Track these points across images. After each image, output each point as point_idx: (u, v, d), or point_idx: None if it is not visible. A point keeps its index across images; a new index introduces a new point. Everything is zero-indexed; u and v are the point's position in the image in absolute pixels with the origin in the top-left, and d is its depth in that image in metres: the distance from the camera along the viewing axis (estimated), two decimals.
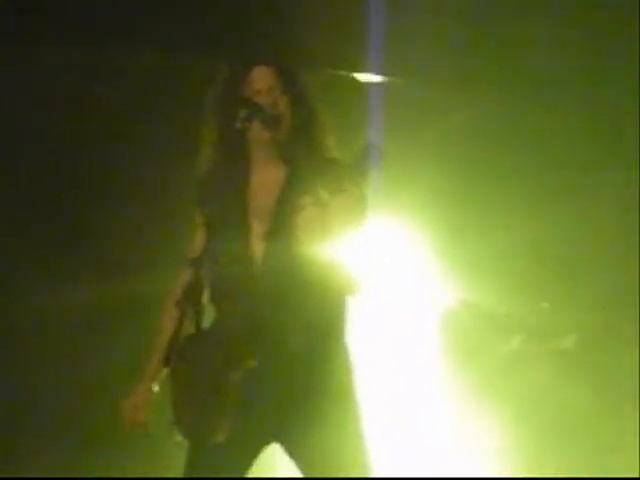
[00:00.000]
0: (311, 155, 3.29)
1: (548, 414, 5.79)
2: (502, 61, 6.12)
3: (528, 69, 6.15)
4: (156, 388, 3.30)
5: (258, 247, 3.20)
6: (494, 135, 6.14)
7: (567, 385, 5.79)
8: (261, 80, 3.25)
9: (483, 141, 6.11)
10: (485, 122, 5.99)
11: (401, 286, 5.75)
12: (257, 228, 3.23)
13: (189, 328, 3.10)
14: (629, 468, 5.39)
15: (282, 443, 3.24)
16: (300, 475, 3.29)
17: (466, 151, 5.98)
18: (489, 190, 6.04)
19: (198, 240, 3.27)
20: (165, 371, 3.22)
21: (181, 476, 3.32)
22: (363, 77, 6.07)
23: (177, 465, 3.30)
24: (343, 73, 5.83)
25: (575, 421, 5.70)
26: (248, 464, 3.29)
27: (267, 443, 3.26)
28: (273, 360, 3.11)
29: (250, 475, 3.35)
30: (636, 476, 4.96)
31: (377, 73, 6.12)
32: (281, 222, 3.21)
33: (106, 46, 5.76)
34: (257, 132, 3.18)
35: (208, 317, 3.22)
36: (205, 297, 3.20)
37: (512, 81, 6.16)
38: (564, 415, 5.75)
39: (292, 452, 3.23)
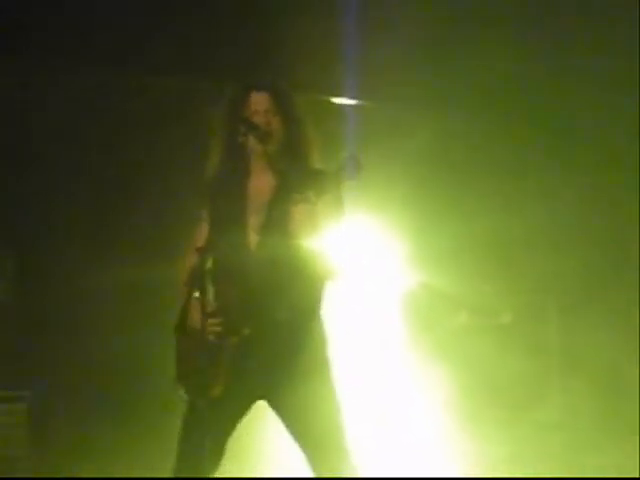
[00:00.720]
0: (298, 165, 3.41)
1: (486, 375, 6.12)
2: (463, 84, 6.36)
3: (486, 90, 6.39)
4: None
5: (253, 239, 3.29)
6: (452, 147, 6.51)
7: (502, 353, 6.21)
8: (258, 103, 3.36)
9: (443, 153, 6.44)
10: (445, 138, 6.33)
11: (371, 271, 5.98)
12: (252, 223, 3.31)
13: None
14: (549, 419, 5.84)
15: (268, 400, 3.32)
16: (282, 425, 3.35)
17: (428, 161, 6.33)
18: (445, 194, 6.45)
19: (202, 232, 3.29)
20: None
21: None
22: (340, 100, 6.39)
23: (177, 421, 3.36)
24: (323, 97, 6.11)
25: (508, 381, 6.07)
26: (239, 417, 3.38)
27: (256, 399, 3.34)
28: (263, 331, 3.19)
29: (238, 427, 3.38)
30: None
31: (352, 97, 6.42)
32: (273, 218, 3.29)
33: (121, 68, 6.08)
34: (253, 145, 3.30)
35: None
36: (208, 279, 3.21)
37: (470, 100, 6.42)
38: (499, 376, 6.09)
39: (277, 408, 3.33)
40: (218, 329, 3.20)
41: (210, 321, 3.15)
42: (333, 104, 6.30)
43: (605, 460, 5.64)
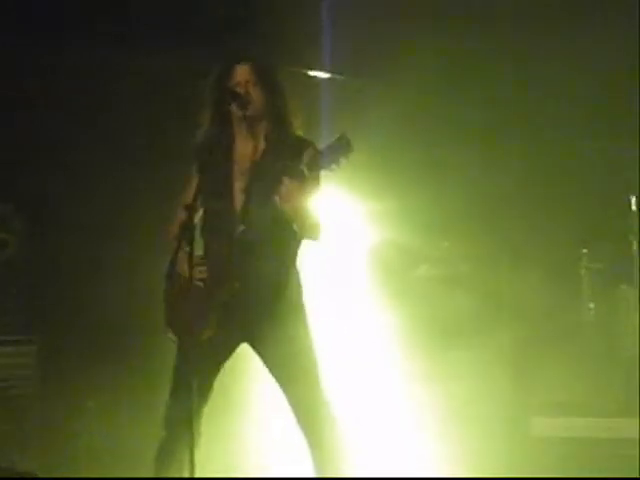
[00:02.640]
0: (280, 130, 3.47)
1: (443, 318, 6.23)
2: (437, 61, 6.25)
3: (463, 70, 6.40)
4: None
5: (238, 198, 3.40)
6: (419, 125, 6.47)
7: (458, 298, 6.36)
8: (240, 74, 3.44)
9: (411, 128, 6.40)
10: (408, 114, 6.24)
11: (347, 230, 6.05)
12: (238, 185, 3.42)
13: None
14: (499, 357, 5.82)
15: (252, 342, 3.46)
16: (263, 366, 3.46)
17: (397, 136, 6.26)
18: (413, 165, 6.45)
19: (191, 190, 3.30)
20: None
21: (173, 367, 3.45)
22: (317, 74, 6.34)
23: (170, 360, 3.45)
24: (303, 70, 6.09)
25: (462, 324, 6.19)
26: (225, 358, 3.50)
27: (240, 342, 3.48)
28: (248, 281, 3.29)
29: (224, 366, 3.48)
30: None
31: (328, 71, 6.36)
32: (258, 181, 3.36)
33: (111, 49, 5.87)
34: (237, 113, 3.41)
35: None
36: (196, 233, 3.27)
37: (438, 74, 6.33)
38: (454, 320, 6.23)
39: (259, 348, 3.46)
40: (204, 276, 3.31)
41: (197, 269, 3.20)
42: (312, 77, 6.26)
43: (552, 396, 5.81)
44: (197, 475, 2.95)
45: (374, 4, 6.34)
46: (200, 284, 3.30)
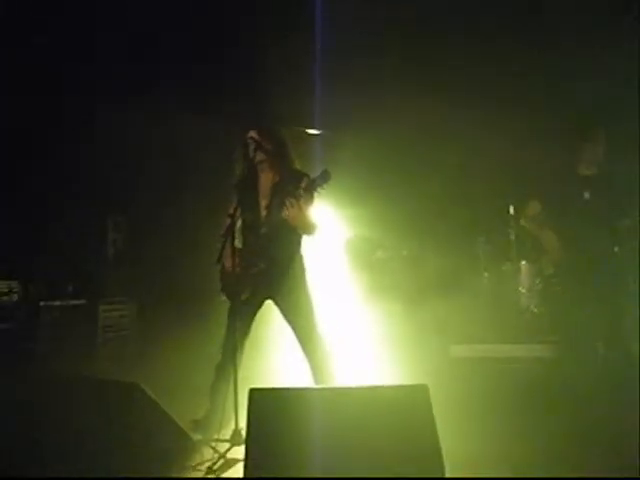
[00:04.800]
0: (286, 167, 3.47)
1: (392, 285, 6.28)
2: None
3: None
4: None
5: (262, 213, 3.42)
6: (377, 164, 6.37)
7: (401, 272, 6.45)
8: (255, 134, 3.39)
9: (372, 165, 6.28)
10: (370, 157, 6.13)
11: (331, 229, 6.04)
12: (262, 204, 3.44)
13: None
14: (427, 308, 5.67)
15: (274, 300, 3.43)
16: (279, 314, 3.39)
17: (363, 169, 6.18)
18: (372, 188, 6.35)
19: (232, 207, 3.27)
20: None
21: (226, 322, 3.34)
22: (310, 130, 6.17)
23: (224, 317, 3.40)
24: (299, 128, 5.88)
25: (405, 288, 6.20)
26: (256, 310, 3.46)
27: (265, 299, 3.46)
28: (269, 263, 3.35)
29: (256, 316, 3.38)
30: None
31: (319, 128, 6.16)
32: (275, 200, 3.38)
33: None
34: (259, 157, 3.40)
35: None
36: (237, 232, 3.34)
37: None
38: (400, 285, 6.28)
39: (278, 305, 3.43)
40: (241, 257, 3.32)
41: (236, 256, 3.27)
42: (306, 132, 6.12)
43: (463, 331, 5.72)
44: (238, 384, 3.02)
45: (357, 73, 5.98)
46: (239, 265, 3.32)
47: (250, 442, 2.30)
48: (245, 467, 2.25)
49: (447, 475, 2.23)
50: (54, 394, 2.96)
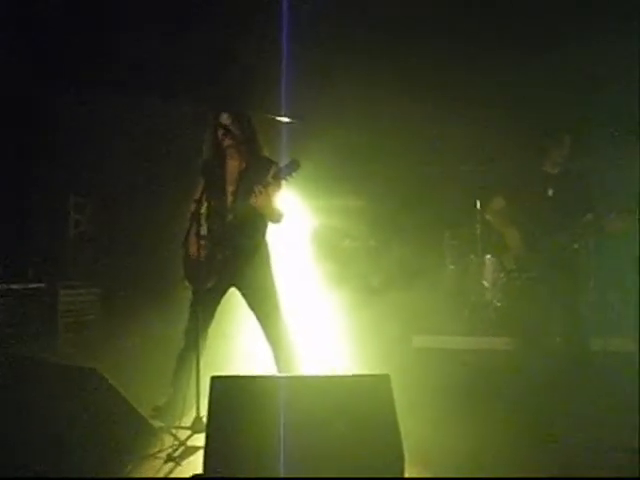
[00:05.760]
0: (254, 154, 3.43)
1: (358, 273, 6.30)
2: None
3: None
4: None
5: (229, 199, 3.38)
6: (345, 153, 6.28)
7: (368, 261, 6.53)
8: (224, 119, 3.36)
9: (340, 155, 6.17)
10: (337, 146, 6.00)
11: (297, 217, 5.87)
12: (229, 189, 3.39)
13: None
14: (391, 297, 5.65)
15: (238, 287, 3.43)
16: (246, 304, 3.37)
17: (332, 159, 6.00)
18: (341, 178, 6.30)
19: (199, 191, 3.25)
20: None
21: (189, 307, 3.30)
22: (280, 118, 5.92)
23: (186, 304, 3.36)
24: (268, 115, 5.70)
25: (371, 276, 6.26)
26: (221, 298, 3.42)
27: (230, 287, 3.42)
28: (235, 248, 3.30)
29: (220, 303, 3.34)
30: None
31: (287, 116, 5.91)
32: (241, 187, 3.35)
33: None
34: (227, 143, 3.36)
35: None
36: (203, 218, 3.26)
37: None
38: (366, 273, 6.34)
39: (242, 290, 3.42)
40: (206, 243, 3.29)
41: (201, 242, 3.25)
42: (274, 119, 5.90)
43: (425, 323, 5.79)
44: (201, 372, 3.00)
45: (326, 62, 5.82)
46: (204, 252, 3.29)
47: (211, 430, 2.28)
48: (205, 455, 2.23)
49: (406, 460, 2.25)
50: (10, 378, 2.90)
